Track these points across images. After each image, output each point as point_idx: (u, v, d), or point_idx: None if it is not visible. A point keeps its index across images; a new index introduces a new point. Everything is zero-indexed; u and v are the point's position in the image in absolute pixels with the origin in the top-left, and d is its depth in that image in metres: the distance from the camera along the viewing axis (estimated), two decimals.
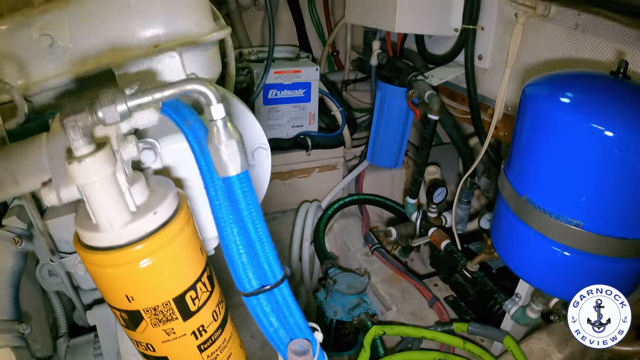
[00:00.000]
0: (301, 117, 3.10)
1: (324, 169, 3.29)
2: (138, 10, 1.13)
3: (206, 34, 1.21)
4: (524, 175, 1.71)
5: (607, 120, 1.41)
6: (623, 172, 1.45)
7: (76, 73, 1.17)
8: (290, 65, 3.03)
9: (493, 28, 2.41)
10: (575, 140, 1.48)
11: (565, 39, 2.02)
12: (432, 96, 2.41)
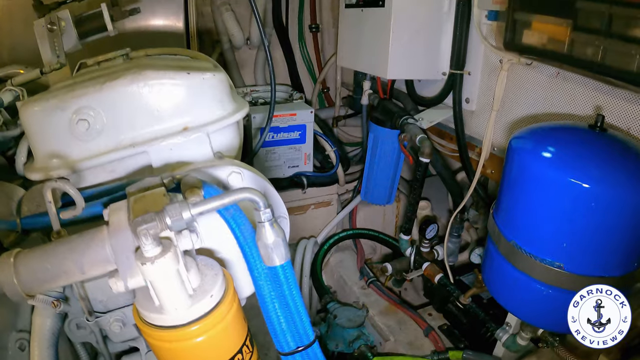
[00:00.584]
0: (297, 158, 3.21)
1: (319, 206, 3.41)
2: (166, 111, 1.29)
3: (229, 115, 1.36)
4: (511, 223, 1.85)
5: (584, 175, 1.56)
6: (598, 221, 1.59)
7: (111, 154, 1.28)
8: (286, 109, 3.15)
9: (479, 73, 2.57)
10: (557, 193, 1.63)
11: (547, 85, 2.17)
12: (423, 140, 2.55)
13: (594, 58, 1.73)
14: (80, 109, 1.24)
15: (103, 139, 1.27)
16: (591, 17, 1.74)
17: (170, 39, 3.28)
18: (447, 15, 2.60)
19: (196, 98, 1.32)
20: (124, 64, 1.62)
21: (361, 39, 2.81)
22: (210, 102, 1.35)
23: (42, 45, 2.28)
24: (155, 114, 1.28)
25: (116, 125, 1.27)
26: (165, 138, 1.28)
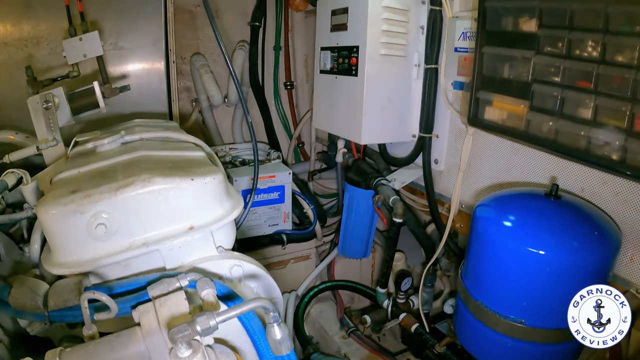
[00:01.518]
0: (277, 217, 3.34)
1: (298, 260, 3.56)
2: (174, 213, 1.44)
3: (228, 214, 1.54)
4: (477, 284, 2.02)
5: (540, 243, 1.76)
6: (553, 282, 1.78)
7: (126, 252, 1.41)
8: (266, 171, 3.29)
9: (446, 136, 2.76)
10: (517, 259, 1.81)
11: (510, 152, 2.36)
12: (396, 201, 2.72)
13: (548, 136, 1.93)
14: (97, 213, 1.37)
15: (118, 239, 1.41)
16: (545, 99, 1.94)
17: (153, 102, 3.42)
18: (416, 82, 2.80)
19: (199, 201, 1.49)
20: (122, 153, 1.75)
21: (335, 104, 2.98)
22: (212, 203, 1.52)
23: (37, 121, 2.40)
24: (164, 216, 1.43)
25: (130, 227, 1.41)
26: (174, 238, 1.43)
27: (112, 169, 1.59)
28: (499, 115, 2.14)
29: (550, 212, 1.88)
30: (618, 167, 1.74)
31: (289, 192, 3.35)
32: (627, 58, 1.66)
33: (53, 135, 2.35)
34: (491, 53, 2.15)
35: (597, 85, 1.75)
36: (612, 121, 1.72)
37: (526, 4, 1.99)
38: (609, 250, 1.82)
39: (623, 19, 1.66)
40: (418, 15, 2.76)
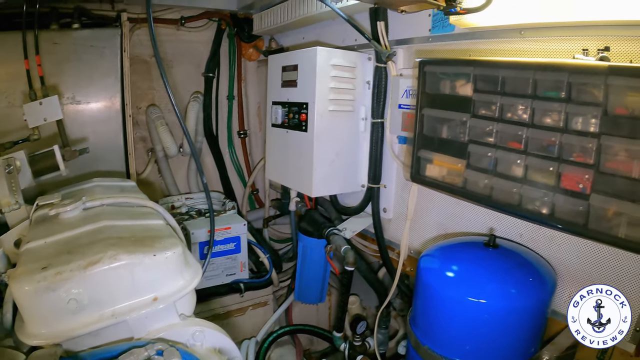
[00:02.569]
0: (233, 267, 3.43)
1: (256, 306, 3.63)
2: (139, 286, 1.55)
3: (188, 284, 1.66)
4: (424, 330, 2.15)
5: (479, 292, 1.91)
6: (493, 327, 1.92)
7: (96, 324, 1.49)
8: (222, 223, 3.38)
9: (394, 187, 2.92)
10: (458, 308, 1.96)
11: (452, 201, 2.50)
12: (347, 251, 2.84)
13: (484, 192, 2.09)
14: (68, 289, 1.44)
15: (89, 312, 1.48)
16: (481, 158, 2.10)
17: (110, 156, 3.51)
18: (363, 135, 2.96)
19: (162, 274, 1.60)
20: (86, 222, 1.83)
21: (287, 157, 3.10)
22: (173, 275, 1.63)
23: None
24: (130, 289, 1.53)
25: (99, 300, 1.49)
26: (140, 309, 1.52)
27: (78, 240, 1.67)
28: (439, 172, 2.30)
29: (488, 262, 2.04)
30: (548, 221, 1.90)
31: (245, 242, 3.44)
32: (553, 121, 1.84)
33: (15, 199, 2.38)
34: (430, 115, 2.32)
35: (526, 146, 1.92)
36: (541, 179, 1.89)
37: (462, 70, 2.16)
38: (544, 293, 1.99)
39: (549, 85, 1.84)
40: (364, 71, 2.93)
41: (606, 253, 1.98)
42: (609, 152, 1.68)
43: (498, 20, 2.20)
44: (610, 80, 1.66)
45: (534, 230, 2.23)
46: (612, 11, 1.82)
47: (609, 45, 1.88)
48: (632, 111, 1.63)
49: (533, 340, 2.04)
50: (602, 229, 1.72)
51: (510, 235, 2.33)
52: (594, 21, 1.93)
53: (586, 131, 1.75)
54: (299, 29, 3.74)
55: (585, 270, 2.06)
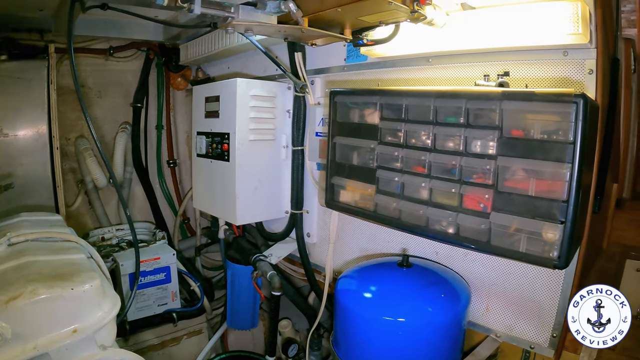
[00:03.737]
0: (165, 297, 3.41)
1: (191, 335, 3.62)
2: (59, 319, 1.59)
3: (106, 315, 1.70)
4: (345, 350, 2.21)
5: (395, 311, 1.99)
6: (410, 343, 1.99)
7: (19, 357, 1.52)
8: (151, 253, 3.39)
9: (316, 212, 3.01)
10: (374, 328, 2.03)
11: (370, 224, 2.58)
12: (273, 276, 2.89)
13: (394, 215, 2.18)
14: None
15: (12, 345, 1.51)
16: (389, 183, 2.20)
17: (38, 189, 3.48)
18: (285, 162, 3.03)
19: (80, 306, 1.64)
20: (10, 258, 1.85)
21: (212, 186, 3.14)
22: (91, 307, 1.67)
23: None
24: (50, 322, 1.57)
25: (21, 334, 1.53)
26: (61, 341, 1.57)
27: (2, 276, 1.70)
28: (352, 197, 2.38)
29: (402, 281, 2.14)
30: (454, 240, 2.00)
31: (175, 271, 3.44)
32: (454, 145, 1.95)
33: None
34: (342, 143, 2.41)
35: (430, 170, 2.03)
36: (445, 200, 1.99)
37: (369, 99, 2.27)
38: (458, 308, 2.09)
39: (449, 111, 1.95)
40: (284, 100, 3.01)
41: (515, 265, 2.12)
42: (506, 172, 1.80)
43: (406, 50, 2.34)
44: (505, 105, 1.78)
45: (449, 248, 2.35)
46: (510, 38, 1.97)
47: (508, 70, 2.04)
48: (527, 132, 1.75)
49: (451, 353, 2.13)
50: (504, 244, 1.84)
51: (427, 254, 2.45)
52: (495, 48, 2.09)
53: (484, 153, 1.87)
54: (224, 59, 3.82)
55: (499, 283, 2.20)
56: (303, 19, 2.02)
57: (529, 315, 2.15)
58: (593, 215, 2.06)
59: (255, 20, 1.95)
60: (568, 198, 1.66)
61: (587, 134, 1.65)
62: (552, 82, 1.99)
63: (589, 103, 1.63)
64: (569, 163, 1.64)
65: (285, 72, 2.85)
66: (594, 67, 1.91)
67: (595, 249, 2.80)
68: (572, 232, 1.68)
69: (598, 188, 2.03)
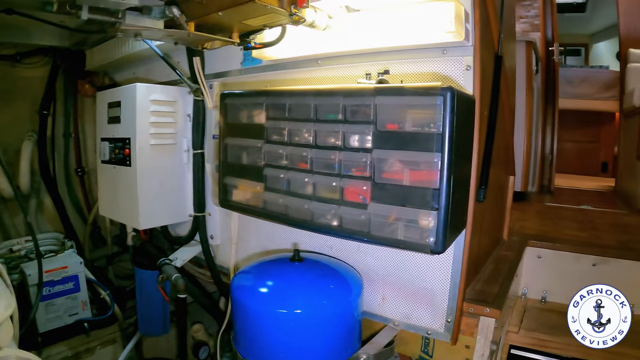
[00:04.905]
0: (75, 306, 3.36)
1: (105, 345, 3.56)
2: None
3: (1, 314, 1.68)
4: (244, 346, 2.22)
5: (288, 304, 2.02)
6: (305, 334, 2.04)
7: None
8: (58, 262, 3.33)
9: (218, 214, 3.02)
10: (268, 321, 2.05)
11: (269, 225, 2.65)
12: (177, 279, 2.87)
13: (282, 211, 2.22)
14: None
15: None
16: (276, 180, 2.23)
17: None
18: (187, 166, 3.04)
19: None
20: None
21: (116, 192, 3.11)
22: None
23: None
24: None
25: None
26: None
27: None
28: (244, 196, 2.41)
29: (293, 275, 2.18)
30: (338, 232, 2.06)
31: (84, 280, 3.40)
32: (333, 141, 2.01)
33: None
34: (233, 143, 2.44)
35: (312, 166, 2.08)
36: (328, 194, 2.05)
37: (256, 100, 2.31)
38: (348, 298, 2.15)
39: (328, 109, 2.01)
40: (185, 104, 3.02)
41: (406, 255, 2.21)
42: (382, 164, 1.87)
43: (296, 52, 2.40)
44: (378, 100, 1.85)
45: (342, 242, 2.41)
46: (392, 38, 2.06)
47: (388, 69, 2.10)
48: (401, 126, 1.82)
49: (348, 342, 2.19)
50: (384, 233, 1.90)
51: (322, 249, 2.51)
52: (378, 48, 2.17)
53: (361, 147, 1.93)
54: (130, 64, 3.79)
55: (393, 273, 2.28)
56: (189, 24, 2.04)
57: (424, 302, 2.23)
58: (478, 204, 2.16)
59: (142, 25, 1.95)
60: (440, 186, 1.74)
61: (456, 125, 1.73)
62: (432, 79, 2.09)
63: (456, 95, 1.71)
64: (438, 152, 1.72)
65: (181, 75, 2.86)
66: (471, 63, 2.01)
67: (493, 238, 2.91)
68: (446, 218, 1.76)
69: (482, 178, 2.12)
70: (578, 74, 8.18)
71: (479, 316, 2.18)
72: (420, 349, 2.36)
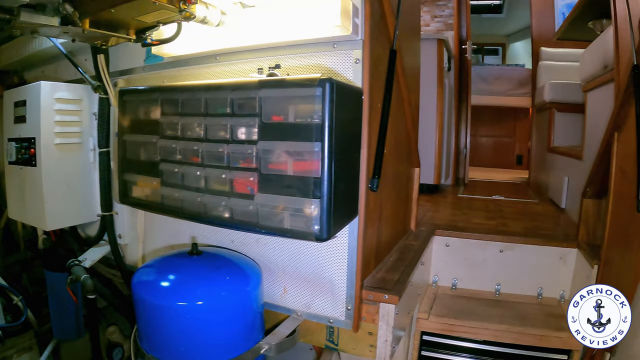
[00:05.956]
0: None
1: (22, 353, 3.50)
2: None
3: None
4: (147, 342, 2.22)
5: (186, 297, 2.03)
6: (206, 325, 2.05)
7: None
8: None
9: (125, 212, 2.99)
10: (169, 314, 2.05)
11: (173, 220, 2.64)
12: (85, 279, 2.83)
13: (178, 205, 2.24)
14: None
15: None
16: (171, 175, 2.24)
17: None
18: (94, 165, 3.01)
19: None
20: None
21: (23, 193, 3.06)
22: None
23: None
24: None
25: None
26: None
27: None
28: (143, 192, 2.40)
29: (190, 269, 2.19)
30: (230, 223, 2.09)
31: None
32: (223, 134, 2.04)
33: None
34: (131, 140, 2.43)
35: (203, 159, 2.11)
36: (219, 187, 2.08)
37: (151, 96, 2.31)
38: (247, 288, 2.17)
39: (217, 103, 2.04)
40: (91, 103, 2.99)
41: (303, 246, 2.27)
42: (268, 155, 1.90)
43: (196, 49, 2.44)
44: (262, 93, 1.89)
45: (243, 235, 2.44)
46: (285, 33, 2.11)
47: (279, 63, 2.14)
48: (285, 117, 1.87)
49: (249, 333, 2.22)
50: (272, 223, 1.93)
51: (224, 243, 2.53)
52: (272, 43, 2.22)
53: (247, 139, 1.97)
54: (38, 63, 3.74)
55: (292, 265, 2.32)
56: (84, 20, 2.04)
57: (324, 292, 2.27)
58: (373, 193, 2.21)
59: (37, 22, 1.94)
60: (322, 175, 1.78)
61: (338, 116, 1.79)
62: (322, 72, 2.13)
63: (336, 86, 1.76)
64: (318, 142, 1.77)
65: (82, 73, 2.85)
66: (360, 56, 2.06)
67: (398, 229, 2.97)
68: (329, 206, 1.81)
69: (375, 168, 2.17)
70: (493, 72, 8.61)
71: (379, 303, 2.23)
72: (325, 338, 2.40)
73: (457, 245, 3.32)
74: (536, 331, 2.82)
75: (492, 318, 2.94)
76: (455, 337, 2.99)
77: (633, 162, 2.19)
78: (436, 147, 5.13)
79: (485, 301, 3.20)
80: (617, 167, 2.65)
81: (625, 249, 2.39)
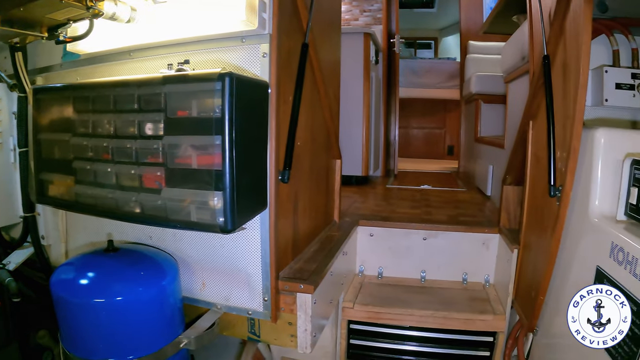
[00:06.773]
0: None
1: None
2: None
3: None
4: (68, 340, 2.20)
5: (101, 294, 2.05)
6: (126, 322, 2.08)
7: None
8: None
9: (48, 213, 2.98)
10: (86, 311, 2.06)
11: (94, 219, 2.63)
12: (9, 282, 2.79)
13: (91, 202, 2.24)
14: None
15: None
16: (84, 173, 2.25)
17: None
18: (14, 166, 2.98)
19: None
20: None
21: None
22: None
23: None
24: None
25: None
26: None
27: None
28: (59, 191, 2.40)
29: (107, 265, 2.21)
30: (141, 219, 2.11)
31: None
32: (131, 130, 2.06)
33: None
34: (45, 138, 2.42)
35: (113, 156, 2.12)
36: (129, 182, 2.09)
37: (64, 94, 2.31)
38: (163, 282, 2.21)
39: (125, 99, 2.06)
40: (10, 102, 2.96)
41: (217, 239, 2.31)
42: (173, 150, 1.94)
43: (109, 45, 2.46)
44: (166, 89, 1.92)
45: (160, 231, 2.47)
46: (193, 29, 2.15)
47: (188, 59, 2.17)
48: (190, 112, 1.90)
49: (168, 327, 2.25)
50: (179, 216, 1.96)
51: (142, 239, 2.55)
52: (182, 39, 2.24)
53: (153, 135, 1.99)
54: None
55: (208, 258, 2.36)
56: None
57: (241, 284, 2.31)
58: (285, 185, 2.27)
59: None
60: (223, 167, 1.82)
61: (240, 109, 1.84)
62: (229, 67, 2.17)
63: (236, 80, 1.81)
64: (218, 135, 1.81)
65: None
66: (268, 50, 2.11)
67: (318, 220, 3.02)
68: (233, 198, 1.85)
69: (286, 160, 2.22)
70: (423, 65, 8.81)
71: (296, 293, 2.28)
72: (247, 330, 2.45)
73: (381, 234, 3.39)
74: (461, 315, 2.91)
75: (417, 304, 3.03)
76: (381, 324, 3.06)
77: (546, 149, 2.29)
78: (363, 139, 5.22)
79: (411, 288, 3.29)
80: (532, 154, 2.76)
81: (540, 232, 2.50)
